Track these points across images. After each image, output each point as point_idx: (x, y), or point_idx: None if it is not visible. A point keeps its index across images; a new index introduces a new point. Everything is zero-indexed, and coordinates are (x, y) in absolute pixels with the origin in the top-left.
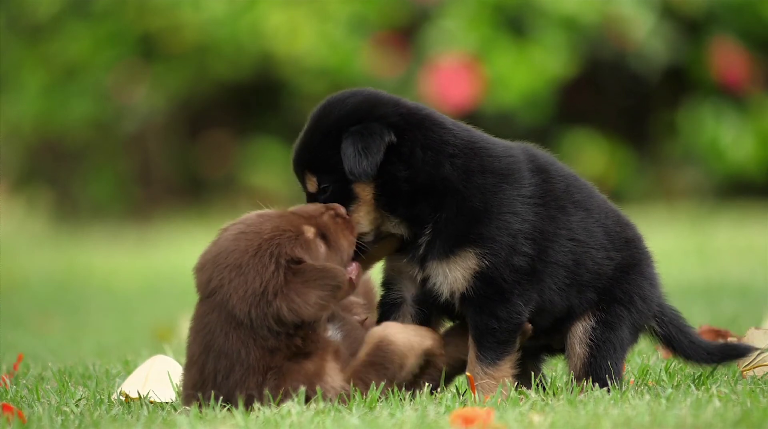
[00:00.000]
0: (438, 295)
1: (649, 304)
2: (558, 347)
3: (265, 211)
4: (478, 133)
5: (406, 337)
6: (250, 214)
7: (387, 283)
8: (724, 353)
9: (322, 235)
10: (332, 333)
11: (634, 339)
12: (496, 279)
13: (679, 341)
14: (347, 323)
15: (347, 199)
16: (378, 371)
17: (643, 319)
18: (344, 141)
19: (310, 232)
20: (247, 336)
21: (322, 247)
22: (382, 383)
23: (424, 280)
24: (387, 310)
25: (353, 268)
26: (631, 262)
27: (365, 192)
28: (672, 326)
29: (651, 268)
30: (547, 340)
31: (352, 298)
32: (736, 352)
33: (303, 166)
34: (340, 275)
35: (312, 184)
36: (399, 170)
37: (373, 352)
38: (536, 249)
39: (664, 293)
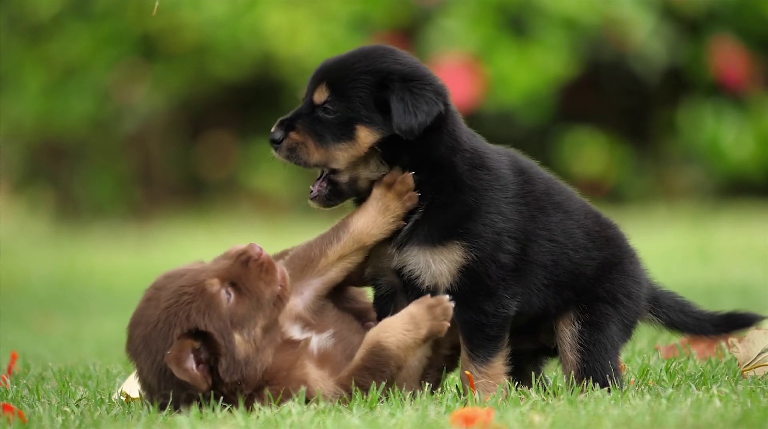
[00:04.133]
0: (418, 285)
1: (637, 301)
2: (554, 348)
3: (175, 269)
4: (477, 136)
5: (398, 338)
6: (161, 275)
7: (374, 280)
8: (730, 323)
9: (232, 283)
10: (319, 341)
11: (626, 336)
12: (481, 274)
13: (683, 322)
14: (342, 329)
15: (343, 134)
16: (374, 375)
17: (633, 316)
18: (396, 91)
19: (214, 286)
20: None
21: (231, 297)
22: (383, 383)
23: (400, 269)
24: (382, 306)
25: (281, 276)
26: (612, 260)
27: (367, 139)
28: (671, 311)
29: (635, 265)
30: (530, 341)
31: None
32: (743, 321)
33: (326, 76)
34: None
35: (320, 96)
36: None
37: (367, 357)
38: (519, 247)
39: (654, 285)
